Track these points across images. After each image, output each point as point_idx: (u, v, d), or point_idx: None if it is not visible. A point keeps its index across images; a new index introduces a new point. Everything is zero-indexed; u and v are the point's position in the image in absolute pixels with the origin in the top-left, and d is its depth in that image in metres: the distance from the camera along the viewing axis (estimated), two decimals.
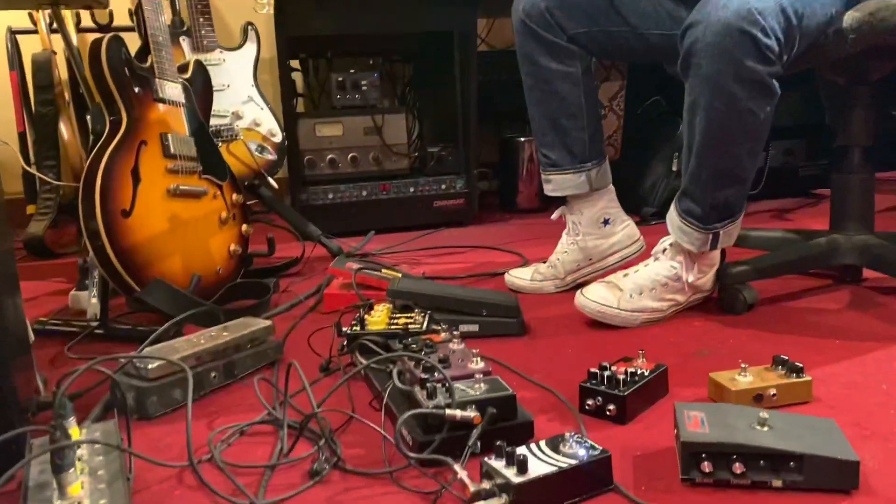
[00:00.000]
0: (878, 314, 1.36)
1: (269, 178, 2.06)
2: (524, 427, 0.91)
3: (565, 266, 1.58)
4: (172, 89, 1.51)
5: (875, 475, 0.81)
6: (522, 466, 0.75)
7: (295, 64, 2.56)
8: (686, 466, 0.81)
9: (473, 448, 0.84)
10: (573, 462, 0.77)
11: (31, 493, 0.74)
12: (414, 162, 2.50)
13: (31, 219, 2.25)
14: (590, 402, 0.99)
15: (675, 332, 1.32)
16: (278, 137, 2.12)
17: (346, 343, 1.16)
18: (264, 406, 1.02)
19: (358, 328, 1.17)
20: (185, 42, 2.06)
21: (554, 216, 1.63)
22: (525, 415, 0.92)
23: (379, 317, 1.21)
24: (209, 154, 1.57)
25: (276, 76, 2.27)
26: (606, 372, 1.00)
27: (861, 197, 1.48)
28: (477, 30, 2.44)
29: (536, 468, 0.76)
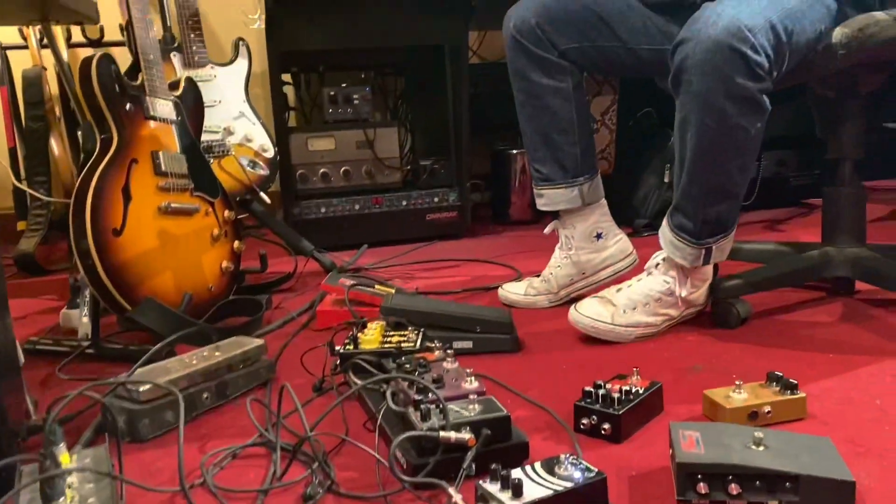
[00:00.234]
0: (871, 327, 1.37)
1: (262, 194, 2.06)
2: (519, 448, 0.91)
3: (558, 280, 1.58)
4: (163, 107, 1.51)
5: (871, 493, 0.81)
6: (517, 490, 0.74)
7: (287, 78, 2.57)
8: (682, 487, 0.81)
9: (468, 470, 0.84)
10: (568, 485, 0.77)
11: None
12: (406, 175, 2.50)
13: (22, 235, 2.24)
14: (584, 421, 0.98)
15: (669, 347, 1.32)
16: (270, 153, 2.11)
17: (340, 362, 1.16)
18: (257, 428, 1.02)
19: (351, 347, 1.16)
20: (176, 58, 2.05)
21: (546, 230, 1.63)
22: (520, 435, 0.92)
23: (372, 335, 1.21)
24: (200, 171, 1.56)
25: (268, 90, 2.28)
26: (601, 390, 0.99)
27: (852, 209, 1.48)
28: (468, 42, 2.44)
29: (532, 491, 0.75)
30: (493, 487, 0.76)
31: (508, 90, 1.58)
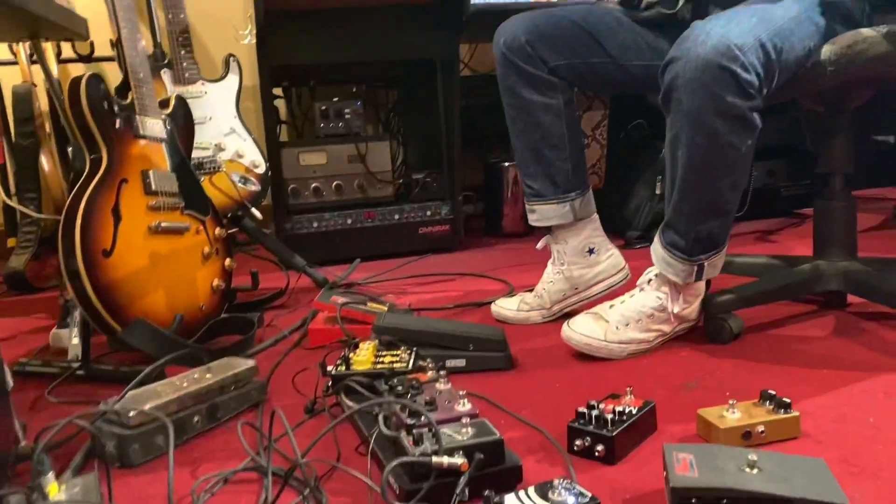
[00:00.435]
0: (864, 342, 1.37)
1: (254, 210, 2.05)
2: (512, 472, 0.90)
3: (551, 296, 1.58)
4: (153, 125, 1.50)
5: None
6: None
7: (278, 92, 2.56)
8: None
9: (461, 495, 0.83)
10: None
11: None
12: (399, 189, 2.50)
13: (12, 252, 2.22)
14: (578, 443, 0.98)
15: (662, 364, 1.32)
16: (261, 168, 2.11)
17: (331, 384, 1.15)
18: (248, 452, 1.01)
19: (343, 368, 1.16)
20: (167, 75, 2.05)
21: (539, 246, 1.63)
22: (513, 458, 0.91)
23: (364, 355, 1.20)
24: (191, 189, 1.56)
25: (260, 103, 2.27)
26: (594, 411, 0.99)
27: (843, 223, 1.49)
28: (460, 55, 2.45)
29: None
30: None
31: (500, 102, 1.58)
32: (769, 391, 1.03)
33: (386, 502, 0.83)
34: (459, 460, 0.84)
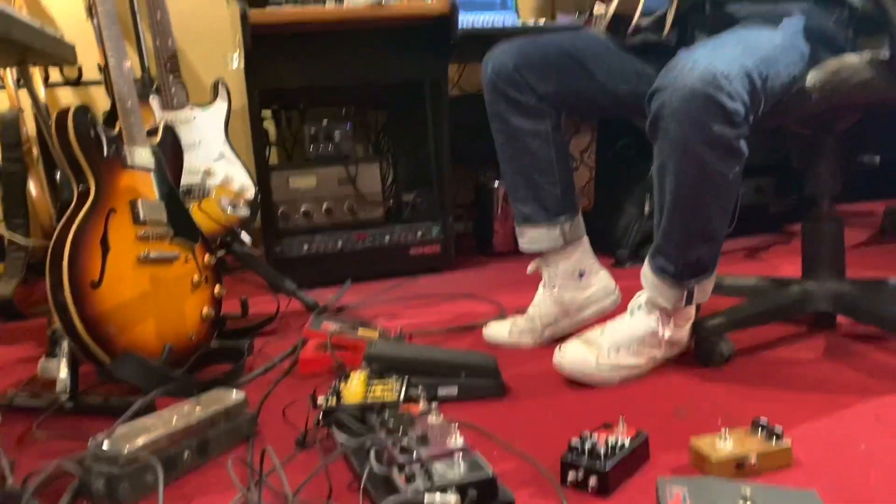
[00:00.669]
0: (854, 364, 1.37)
1: (244, 234, 2.05)
2: None
3: (542, 320, 1.58)
4: (142, 155, 1.50)
5: None
6: None
7: (267, 114, 2.56)
8: None
9: None
10: None
11: None
12: (389, 210, 2.50)
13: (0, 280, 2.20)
14: (571, 476, 0.98)
15: (654, 389, 1.32)
16: (251, 193, 2.11)
17: (322, 417, 1.14)
18: (239, 488, 1.00)
19: (334, 401, 1.15)
20: (155, 100, 2.05)
21: (529, 270, 1.63)
22: (506, 494, 0.91)
23: (355, 386, 1.20)
24: (180, 217, 1.55)
25: (249, 126, 2.27)
26: (587, 443, 0.99)
27: (831, 245, 1.50)
28: (448, 76, 2.46)
29: None
30: None
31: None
32: (761, 419, 1.03)
33: None
34: (452, 498, 0.84)
